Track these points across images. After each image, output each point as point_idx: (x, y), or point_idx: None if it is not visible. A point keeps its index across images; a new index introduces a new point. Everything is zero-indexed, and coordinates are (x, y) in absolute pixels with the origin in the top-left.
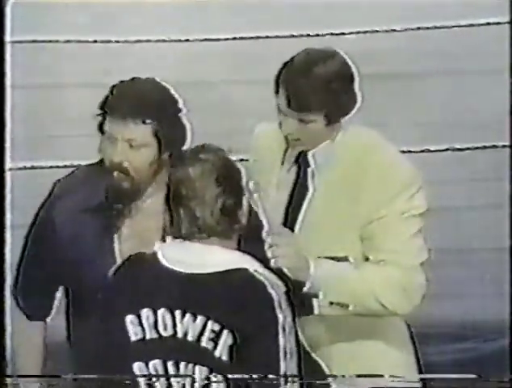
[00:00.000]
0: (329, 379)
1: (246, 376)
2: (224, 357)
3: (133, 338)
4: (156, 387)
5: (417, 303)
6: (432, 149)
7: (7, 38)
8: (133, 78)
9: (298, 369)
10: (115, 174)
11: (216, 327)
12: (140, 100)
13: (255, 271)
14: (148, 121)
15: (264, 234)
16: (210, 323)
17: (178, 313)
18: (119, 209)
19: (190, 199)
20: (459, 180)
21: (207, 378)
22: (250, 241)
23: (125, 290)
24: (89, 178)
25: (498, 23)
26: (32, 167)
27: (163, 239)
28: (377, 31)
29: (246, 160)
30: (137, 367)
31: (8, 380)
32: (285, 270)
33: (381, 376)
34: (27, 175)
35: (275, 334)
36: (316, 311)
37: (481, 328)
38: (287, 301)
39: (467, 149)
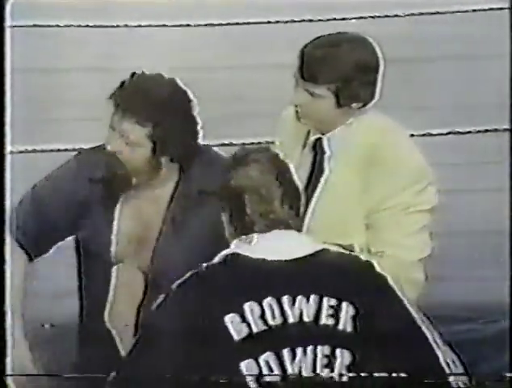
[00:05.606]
0: None
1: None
2: (349, 329)
3: (236, 337)
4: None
5: (412, 298)
6: (433, 132)
7: (8, 22)
8: (143, 74)
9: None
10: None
11: (333, 302)
12: (142, 101)
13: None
14: (145, 124)
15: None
16: (325, 300)
17: (285, 298)
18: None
19: (257, 197)
20: (460, 164)
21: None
22: None
23: (219, 291)
24: (96, 153)
25: (499, 9)
26: (33, 151)
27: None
28: (383, 16)
29: (272, 143)
30: (244, 365)
31: (8, 379)
32: None
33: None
34: (27, 158)
35: (402, 306)
36: None
37: (482, 310)
38: None
39: (468, 132)
